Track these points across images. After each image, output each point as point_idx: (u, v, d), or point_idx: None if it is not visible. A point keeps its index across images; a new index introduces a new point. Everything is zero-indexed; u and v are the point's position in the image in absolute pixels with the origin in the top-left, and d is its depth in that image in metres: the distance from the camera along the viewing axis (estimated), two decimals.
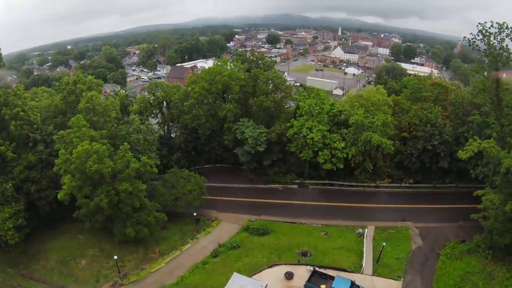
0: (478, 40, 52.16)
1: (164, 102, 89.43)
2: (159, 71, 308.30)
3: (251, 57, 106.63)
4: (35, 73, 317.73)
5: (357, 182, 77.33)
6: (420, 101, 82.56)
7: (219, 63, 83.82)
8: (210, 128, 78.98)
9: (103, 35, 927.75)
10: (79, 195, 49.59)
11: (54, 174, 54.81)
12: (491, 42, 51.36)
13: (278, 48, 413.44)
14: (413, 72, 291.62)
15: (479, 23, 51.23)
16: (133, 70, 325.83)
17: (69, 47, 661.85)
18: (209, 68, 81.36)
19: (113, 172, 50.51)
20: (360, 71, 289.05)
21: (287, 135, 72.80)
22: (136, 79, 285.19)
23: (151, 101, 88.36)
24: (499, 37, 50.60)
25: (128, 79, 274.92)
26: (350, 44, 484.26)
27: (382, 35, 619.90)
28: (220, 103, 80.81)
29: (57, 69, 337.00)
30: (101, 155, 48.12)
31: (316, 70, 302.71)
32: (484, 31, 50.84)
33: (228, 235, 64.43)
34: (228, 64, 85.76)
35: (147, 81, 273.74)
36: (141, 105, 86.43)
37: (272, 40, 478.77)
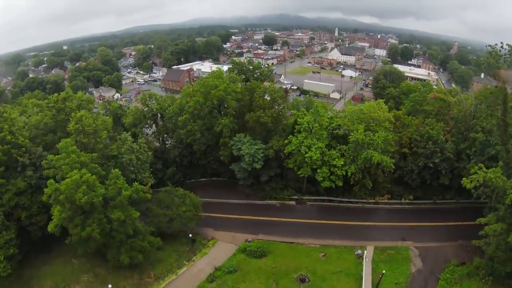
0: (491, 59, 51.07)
1: (159, 114, 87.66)
2: (155, 73, 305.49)
3: (248, 66, 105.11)
4: (30, 75, 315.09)
5: (356, 198, 75.82)
6: (421, 113, 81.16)
7: (215, 74, 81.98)
8: (205, 143, 77.16)
9: (99, 35, 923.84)
10: (70, 226, 47.70)
11: None
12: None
13: (275, 50, 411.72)
14: (410, 75, 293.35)
15: (489, 45, 50.09)
16: (129, 72, 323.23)
17: (65, 47, 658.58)
18: (204, 80, 79.02)
19: (105, 199, 48.70)
20: (357, 74, 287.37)
21: (284, 152, 70.99)
22: (132, 81, 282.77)
23: (145, 113, 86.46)
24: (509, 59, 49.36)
25: (123, 82, 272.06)
26: (347, 45, 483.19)
27: (379, 36, 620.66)
28: (216, 117, 78.96)
29: (53, 71, 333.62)
30: (91, 184, 46.20)
31: (313, 72, 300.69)
32: (494, 53, 49.71)
33: (225, 257, 62.69)
34: (225, 73, 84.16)
35: (143, 84, 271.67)
36: (135, 117, 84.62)
37: (269, 41, 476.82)
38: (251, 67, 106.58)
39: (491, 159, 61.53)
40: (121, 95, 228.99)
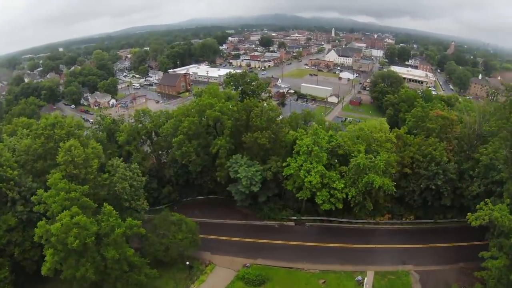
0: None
1: (153, 132, 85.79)
2: (151, 77, 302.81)
3: (244, 78, 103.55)
4: (25, 80, 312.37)
5: (356, 218, 74.28)
6: (423, 130, 79.53)
7: (210, 91, 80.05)
8: (201, 164, 75.14)
9: (96, 37, 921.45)
10: (64, 267, 45.87)
11: None
12: None
13: (271, 52, 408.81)
14: (408, 77, 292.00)
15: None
16: (125, 76, 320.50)
17: (61, 49, 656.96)
18: (199, 99, 76.72)
19: (98, 235, 46.91)
20: (354, 76, 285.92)
21: (283, 174, 69.20)
22: (128, 86, 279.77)
23: (139, 130, 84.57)
24: None
25: (119, 86, 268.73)
26: (344, 46, 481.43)
27: (375, 36, 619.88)
28: (212, 134, 76.99)
29: (48, 76, 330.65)
30: (82, 225, 44.29)
31: (310, 75, 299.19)
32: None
33: (223, 284, 61.18)
34: (221, 86, 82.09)
35: (139, 88, 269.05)
36: (128, 134, 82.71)
37: (266, 43, 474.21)
38: (247, 79, 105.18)
39: (495, 183, 60.10)
40: (116, 100, 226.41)
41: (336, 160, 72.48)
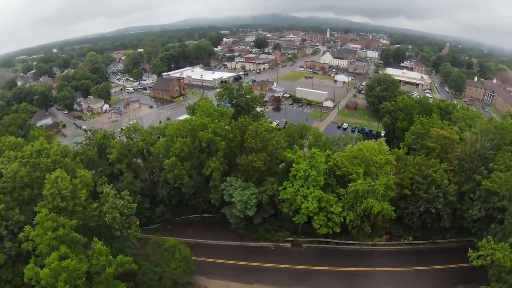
0: None
1: (144, 150, 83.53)
2: (145, 80, 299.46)
3: (238, 91, 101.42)
4: (18, 83, 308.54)
5: (354, 240, 72.51)
6: (423, 148, 77.82)
7: (203, 109, 77.80)
8: (194, 186, 72.87)
9: (90, 37, 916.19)
10: None
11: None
12: None
13: (266, 53, 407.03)
14: (404, 79, 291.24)
15: None
16: (118, 79, 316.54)
17: (55, 50, 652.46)
18: (191, 120, 74.05)
19: (89, 274, 44.77)
20: (350, 78, 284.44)
21: (279, 197, 67.22)
22: (121, 90, 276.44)
23: (130, 147, 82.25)
24: None
25: (112, 90, 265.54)
26: (339, 47, 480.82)
27: (370, 36, 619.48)
28: (205, 155, 74.79)
29: (41, 79, 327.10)
30: (72, 269, 41.99)
31: (306, 77, 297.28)
32: None
33: None
34: (214, 101, 79.97)
35: (132, 92, 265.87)
36: (119, 151, 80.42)
37: (260, 44, 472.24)
38: (242, 91, 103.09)
39: (496, 209, 58.65)
40: (109, 106, 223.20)
41: (334, 179, 70.53)
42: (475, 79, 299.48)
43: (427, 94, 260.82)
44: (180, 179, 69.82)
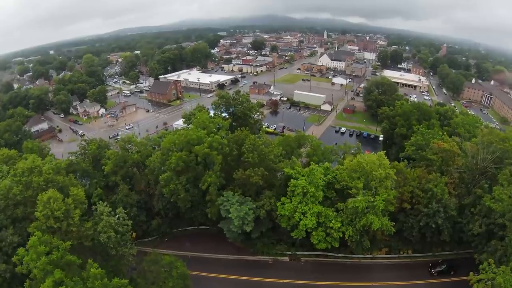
0: None
1: (140, 162, 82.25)
2: (142, 83, 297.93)
3: (235, 100, 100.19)
4: (15, 86, 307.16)
5: (353, 253, 71.40)
6: (423, 159, 76.81)
7: (199, 121, 76.36)
8: (191, 200, 71.55)
9: (87, 38, 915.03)
10: None
11: None
12: None
13: (263, 55, 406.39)
14: (401, 81, 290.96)
15: None
16: (115, 82, 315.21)
17: (51, 52, 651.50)
18: (187, 133, 72.19)
19: None
20: (347, 81, 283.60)
21: (277, 213, 66.00)
22: (118, 93, 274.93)
23: (125, 158, 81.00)
24: None
25: (109, 94, 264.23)
26: (336, 48, 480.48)
27: (367, 37, 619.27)
28: (202, 169, 73.31)
29: (37, 82, 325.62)
30: None
31: (303, 80, 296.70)
32: None
33: None
34: (210, 112, 78.58)
35: (129, 95, 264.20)
36: (114, 163, 79.19)
37: (258, 46, 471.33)
38: (239, 98, 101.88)
39: (497, 225, 57.74)
40: (106, 110, 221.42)
41: (333, 192, 69.43)
42: (473, 81, 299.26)
43: (425, 97, 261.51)
44: (176, 193, 68.54)
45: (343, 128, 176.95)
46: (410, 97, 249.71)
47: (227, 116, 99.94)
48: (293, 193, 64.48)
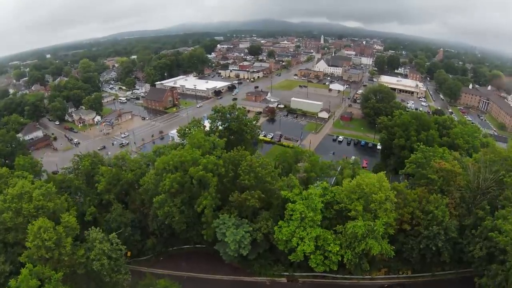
0: None
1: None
2: (138, 89, 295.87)
3: (231, 113, 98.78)
4: (10, 92, 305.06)
5: (352, 274, 70.00)
6: (424, 178, 75.64)
7: (194, 140, 74.66)
8: (185, 222, 69.89)
9: (84, 42, 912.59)
10: None
11: None
12: None
13: (260, 61, 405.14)
14: (399, 87, 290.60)
15: None
16: (111, 88, 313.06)
17: (48, 56, 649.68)
18: (181, 154, 70.62)
19: None
20: (345, 87, 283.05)
21: (274, 236, 64.40)
22: (114, 99, 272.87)
23: (119, 177, 79.44)
24: None
25: (105, 100, 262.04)
26: (333, 54, 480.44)
27: (364, 42, 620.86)
28: (197, 188, 71.55)
29: (33, 88, 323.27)
30: None
31: (300, 86, 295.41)
32: None
33: None
34: (205, 125, 76.65)
35: (125, 102, 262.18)
36: (108, 181, 77.72)
37: (255, 51, 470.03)
38: (235, 112, 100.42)
39: (498, 249, 56.53)
40: (101, 117, 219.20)
41: (332, 211, 67.96)
42: (470, 86, 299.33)
43: (422, 103, 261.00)
44: (170, 215, 66.92)
45: (340, 137, 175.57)
46: (408, 103, 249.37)
47: (223, 129, 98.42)
48: (290, 216, 62.91)
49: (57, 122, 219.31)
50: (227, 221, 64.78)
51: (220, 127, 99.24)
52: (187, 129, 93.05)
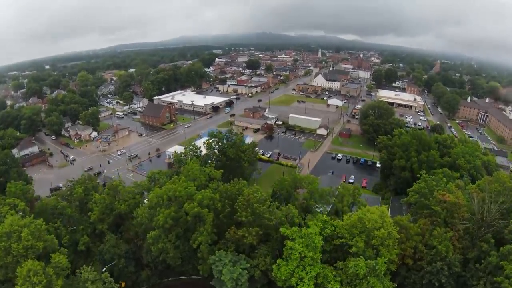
0: None
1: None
2: (135, 104, 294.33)
3: (229, 139, 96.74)
4: (7, 103, 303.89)
5: None
6: (426, 208, 73.46)
7: (188, 172, 72.15)
8: (181, 257, 67.23)
9: (83, 53, 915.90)
10: None
11: None
12: None
13: (258, 75, 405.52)
14: (397, 101, 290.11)
15: None
16: (108, 103, 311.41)
17: (47, 66, 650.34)
18: (176, 188, 67.86)
19: None
20: (343, 102, 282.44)
21: (272, 273, 61.77)
22: (111, 114, 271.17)
23: (113, 207, 77.11)
24: None
25: (102, 115, 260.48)
26: (331, 67, 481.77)
27: (361, 55, 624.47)
28: (192, 222, 68.74)
29: (30, 100, 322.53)
30: None
31: (298, 102, 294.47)
32: None
33: None
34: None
35: (122, 117, 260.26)
36: (101, 211, 75.48)
37: (253, 65, 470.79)
38: (233, 138, 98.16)
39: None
40: (98, 133, 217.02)
41: (331, 243, 65.52)
42: (468, 99, 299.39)
43: (421, 117, 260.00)
44: (165, 251, 64.31)
45: (339, 155, 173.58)
46: (406, 118, 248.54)
47: (219, 154, 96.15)
48: (289, 254, 60.42)
49: (53, 137, 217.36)
50: (223, 258, 62.19)
51: (216, 152, 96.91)
52: (182, 155, 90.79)
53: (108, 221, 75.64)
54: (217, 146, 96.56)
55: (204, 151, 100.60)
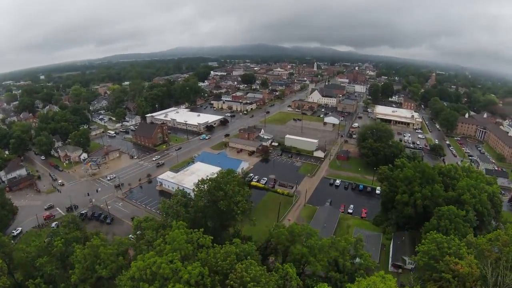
0: None
1: None
2: (128, 121, 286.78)
3: (220, 181, 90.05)
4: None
5: None
6: (435, 272, 66.75)
7: (174, 242, 65.11)
8: None
9: (79, 63, 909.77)
10: None
11: None
12: None
13: (254, 90, 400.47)
14: (394, 118, 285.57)
15: None
16: (101, 119, 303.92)
17: (42, 76, 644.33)
18: (159, 263, 59.71)
19: None
20: (340, 120, 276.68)
21: None
22: (103, 132, 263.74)
23: (95, 267, 70.42)
24: None
25: (93, 133, 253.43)
26: (326, 82, 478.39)
27: (356, 67, 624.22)
28: None
29: (21, 115, 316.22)
30: None
31: (294, 120, 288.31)
32: None
33: None
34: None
35: (114, 136, 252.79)
36: (82, 271, 68.84)
37: (248, 80, 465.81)
38: (225, 188, 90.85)
39: None
40: (88, 154, 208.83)
41: None
42: (466, 115, 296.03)
43: (419, 135, 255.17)
44: None
45: (337, 180, 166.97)
46: (404, 136, 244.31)
47: (210, 204, 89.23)
48: None
49: (42, 157, 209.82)
50: None
51: (205, 202, 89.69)
52: (169, 209, 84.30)
53: (91, 281, 69.03)
54: (205, 200, 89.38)
55: (194, 192, 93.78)
